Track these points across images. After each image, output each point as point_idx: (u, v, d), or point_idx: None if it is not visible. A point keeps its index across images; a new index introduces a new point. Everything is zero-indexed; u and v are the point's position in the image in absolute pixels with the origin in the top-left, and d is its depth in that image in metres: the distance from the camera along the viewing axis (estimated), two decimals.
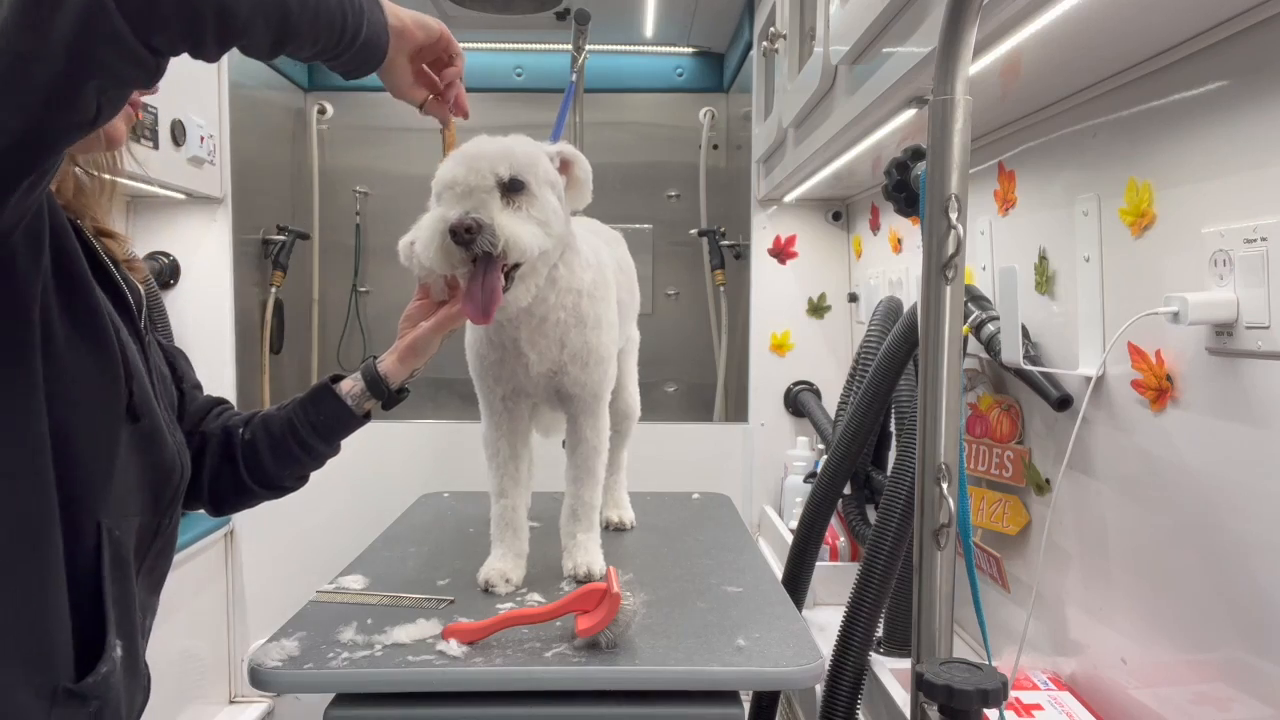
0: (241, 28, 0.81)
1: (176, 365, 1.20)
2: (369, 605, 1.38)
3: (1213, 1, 0.98)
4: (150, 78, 0.79)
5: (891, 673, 1.49)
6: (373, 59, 1.00)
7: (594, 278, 1.47)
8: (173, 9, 0.76)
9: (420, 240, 1.26)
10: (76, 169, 1.01)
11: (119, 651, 0.92)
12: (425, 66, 1.17)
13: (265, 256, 2.91)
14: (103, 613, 0.91)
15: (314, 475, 1.29)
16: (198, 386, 1.26)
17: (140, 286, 1.08)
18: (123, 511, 0.96)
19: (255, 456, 1.21)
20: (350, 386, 1.27)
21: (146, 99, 1.09)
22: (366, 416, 1.28)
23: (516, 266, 1.28)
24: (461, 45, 1.21)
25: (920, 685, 0.89)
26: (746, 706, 1.52)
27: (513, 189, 1.27)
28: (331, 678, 1.17)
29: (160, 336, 1.17)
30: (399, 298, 1.41)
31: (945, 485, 0.94)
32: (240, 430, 1.22)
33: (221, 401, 1.28)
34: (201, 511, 1.25)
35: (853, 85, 1.53)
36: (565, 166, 1.38)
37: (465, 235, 1.21)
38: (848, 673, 1.45)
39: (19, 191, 0.78)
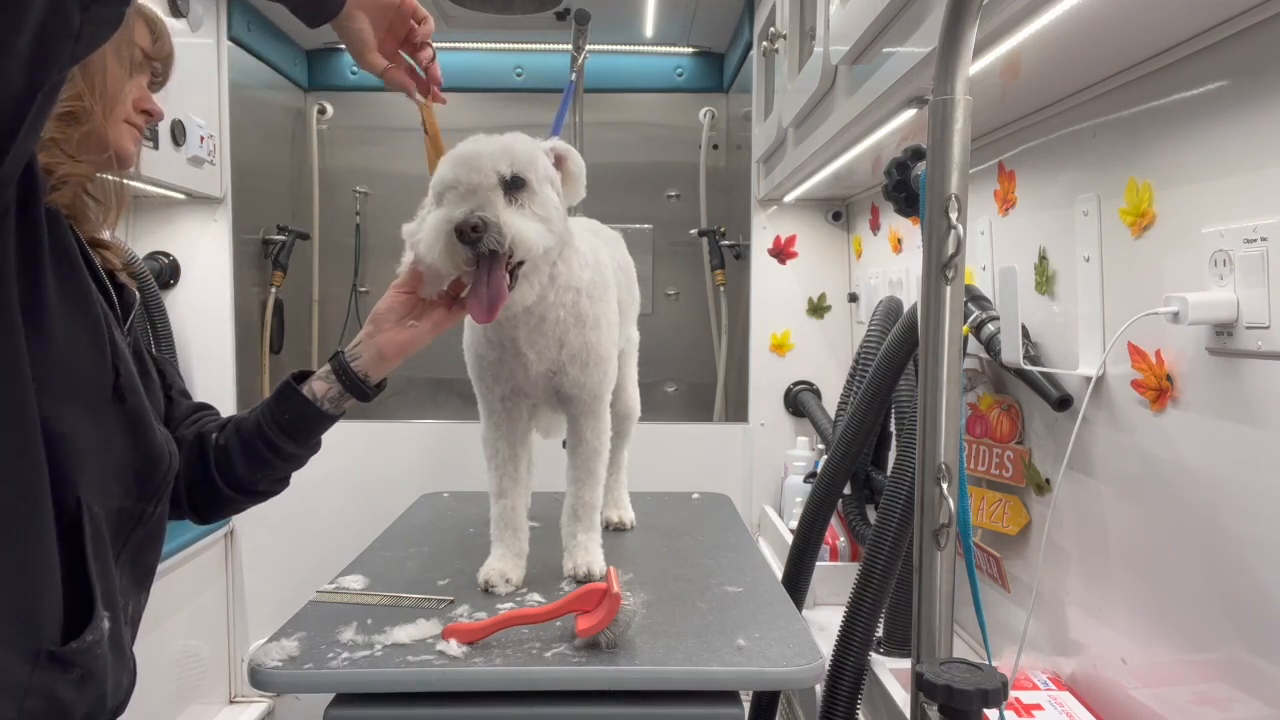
0: None
1: (165, 372, 1.20)
2: (369, 605, 1.38)
3: (1213, 1, 0.98)
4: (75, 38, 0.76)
5: (891, 673, 1.49)
6: (327, 7, 0.99)
7: (592, 276, 1.47)
8: None
9: (425, 241, 1.26)
10: (86, 195, 1.03)
11: (106, 624, 0.92)
12: (400, 52, 1.17)
13: (265, 256, 2.91)
14: (89, 585, 0.91)
15: (314, 476, 1.27)
16: (184, 394, 1.25)
17: (134, 291, 1.09)
18: (104, 491, 0.95)
19: (227, 461, 1.17)
20: (324, 390, 1.21)
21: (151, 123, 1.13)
22: (340, 413, 1.23)
23: (520, 264, 1.28)
24: (461, 45, 1.21)
25: (920, 685, 0.89)
26: (746, 706, 1.52)
27: (515, 186, 1.27)
28: (331, 678, 1.17)
29: (149, 349, 1.18)
30: None
31: (945, 485, 0.94)
32: (215, 435, 1.18)
33: (204, 407, 1.25)
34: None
35: (853, 85, 1.53)
36: (559, 162, 1.38)
37: (472, 234, 1.21)
38: (848, 673, 1.45)
39: (25, 126, 0.75)
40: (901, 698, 1.40)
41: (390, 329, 1.26)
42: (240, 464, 1.17)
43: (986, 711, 0.87)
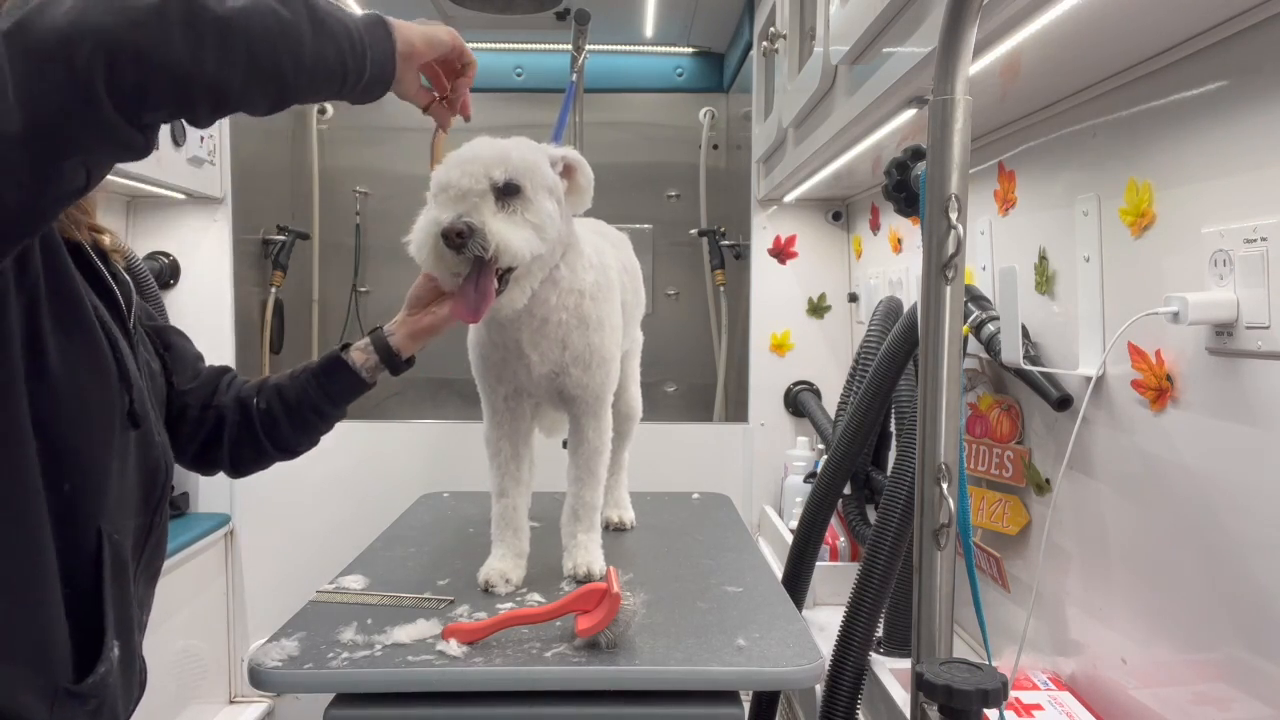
0: (235, 101, 0.84)
1: (172, 345, 1.22)
2: (369, 605, 1.38)
3: (1213, 1, 0.98)
4: (141, 153, 0.81)
5: (891, 673, 1.49)
6: (376, 91, 0.99)
7: (596, 279, 1.47)
8: (165, 94, 0.78)
9: (414, 242, 1.28)
10: None
11: (116, 652, 0.94)
12: (439, 69, 1.17)
13: (265, 256, 2.91)
14: (101, 616, 0.93)
15: (314, 476, 1.32)
16: (200, 358, 1.28)
17: (126, 277, 1.09)
18: (123, 514, 0.98)
19: (274, 425, 1.26)
20: (363, 359, 1.30)
21: None
22: (374, 382, 1.33)
23: (510, 270, 1.28)
24: None
25: (920, 685, 0.89)
26: (746, 706, 1.52)
27: (508, 192, 1.27)
28: (331, 678, 1.17)
29: (147, 323, 1.18)
30: (399, 298, 1.40)
31: (945, 485, 0.94)
32: (254, 400, 1.26)
33: (226, 370, 1.31)
34: (203, 510, 1.26)
35: (853, 85, 1.53)
36: (569, 171, 1.38)
37: (456, 239, 1.22)
38: (848, 673, 1.45)
39: (8, 253, 0.81)
40: (901, 698, 1.40)
41: (417, 313, 1.34)
42: (286, 428, 1.27)
43: (986, 711, 0.87)
